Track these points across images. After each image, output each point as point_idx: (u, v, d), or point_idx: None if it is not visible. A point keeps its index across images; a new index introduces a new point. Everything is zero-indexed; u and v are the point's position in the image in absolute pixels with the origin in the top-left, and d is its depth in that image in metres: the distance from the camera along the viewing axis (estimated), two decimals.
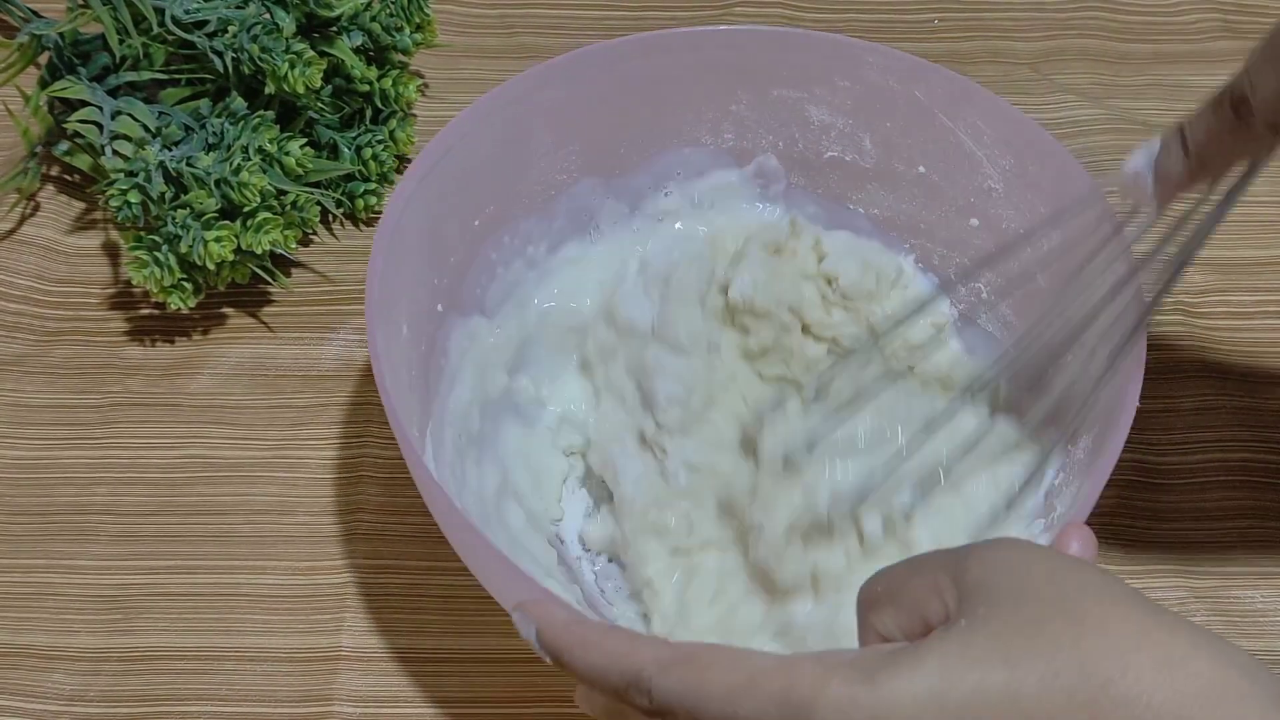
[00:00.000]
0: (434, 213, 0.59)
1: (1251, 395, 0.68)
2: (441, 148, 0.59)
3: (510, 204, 0.63)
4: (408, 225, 0.57)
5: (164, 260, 0.66)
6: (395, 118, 0.75)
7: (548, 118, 0.63)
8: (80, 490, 0.64)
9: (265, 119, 0.68)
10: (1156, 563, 0.63)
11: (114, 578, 0.62)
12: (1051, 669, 0.37)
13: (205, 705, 0.58)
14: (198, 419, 0.67)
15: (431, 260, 0.60)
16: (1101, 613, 0.38)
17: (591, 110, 0.64)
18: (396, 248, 0.56)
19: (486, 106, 0.60)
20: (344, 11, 0.71)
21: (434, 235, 0.59)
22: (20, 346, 0.69)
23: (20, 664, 0.59)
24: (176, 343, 0.70)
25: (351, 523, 0.63)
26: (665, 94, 0.65)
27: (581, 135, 0.64)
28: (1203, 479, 0.65)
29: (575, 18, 0.84)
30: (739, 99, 0.65)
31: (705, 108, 0.66)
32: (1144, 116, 0.78)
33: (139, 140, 0.68)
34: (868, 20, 0.84)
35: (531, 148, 0.63)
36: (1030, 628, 0.38)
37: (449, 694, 0.59)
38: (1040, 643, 0.38)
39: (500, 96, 0.61)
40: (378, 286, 0.54)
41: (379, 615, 0.61)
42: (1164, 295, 0.54)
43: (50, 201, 0.74)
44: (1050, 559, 0.41)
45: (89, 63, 0.71)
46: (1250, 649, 0.60)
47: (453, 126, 0.60)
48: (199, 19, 0.69)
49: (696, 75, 0.64)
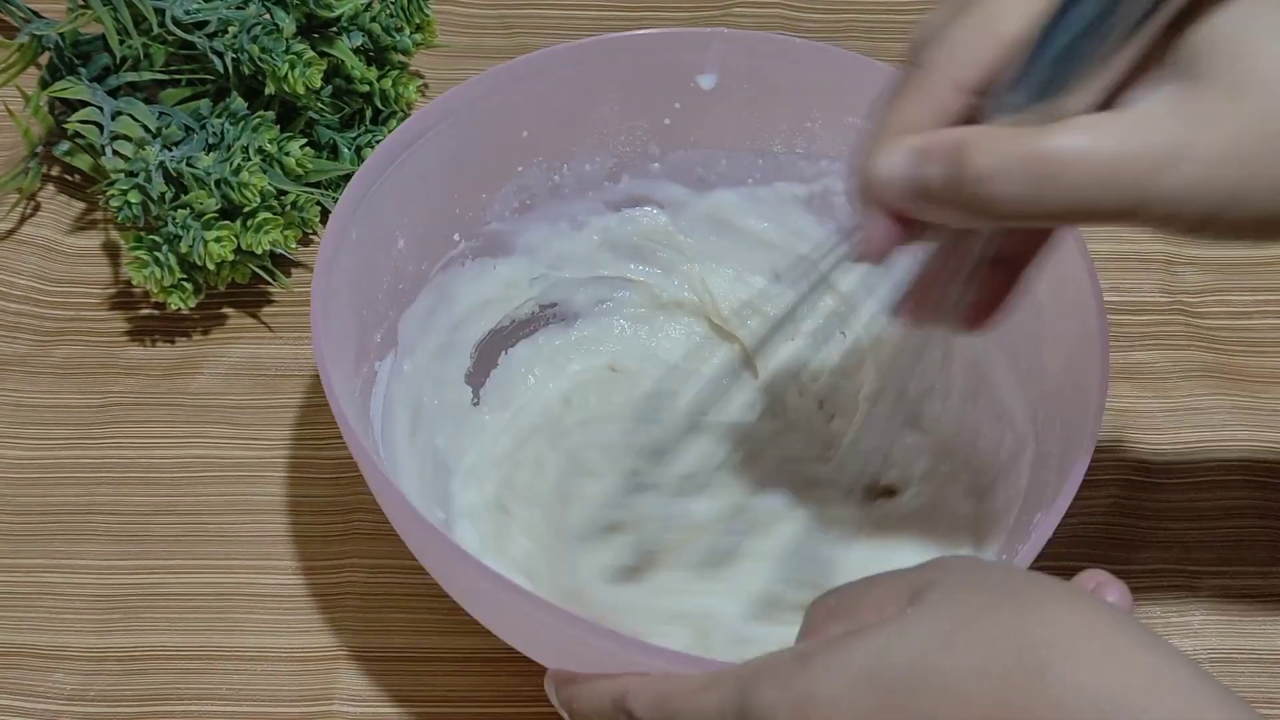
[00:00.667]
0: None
1: (1251, 395, 0.68)
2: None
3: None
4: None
5: (164, 260, 0.66)
6: (395, 118, 0.75)
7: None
8: (80, 490, 0.64)
9: (265, 119, 0.68)
10: (1156, 563, 0.63)
11: (114, 578, 0.62)
12: (990, 651, 0.37)
13: (205, 705, 0.58)
14: (198, 419, 0.67)
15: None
16: (1050, 607, 0.38)
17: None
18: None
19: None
20: (344, 12, 0.71)
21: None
22: (20, 346, 0.69)
23: (20, 664, 0.59)
24: (176, 343, 0.70)
25: (351, 523, 0.63)
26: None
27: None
28: (1202, 479, 0.65)
29: (575, 18, 0.84)
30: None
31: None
32: None
33: (139, 140, 0.68)
34: (867, 21, 0.84)
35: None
36: (976, 614, 0.38)
37: (449, 693, 0.59)
38: (983, 627, 0.38)
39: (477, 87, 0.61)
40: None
41: (379, 615, 0.61)
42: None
43: (50, 201, 0.74)
44: (1009, 565, 0.42)
45: (89, 63, 0.71)
46: (1250, 649, 0.60)
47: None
48: (199, 19, 0.69)
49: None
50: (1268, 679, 0.59)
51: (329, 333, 0.53)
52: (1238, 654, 0.60)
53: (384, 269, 0.59)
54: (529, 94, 0.62)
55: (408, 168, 0.58)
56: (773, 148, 0.66)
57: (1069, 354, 0.55)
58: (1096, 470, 0.64)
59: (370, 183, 0.57)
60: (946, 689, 0.37)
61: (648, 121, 0.65)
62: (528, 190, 0.64)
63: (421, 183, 0.60)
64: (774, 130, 0.65)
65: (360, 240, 0.57)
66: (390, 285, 0.60)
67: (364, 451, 0.50)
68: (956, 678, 0.37)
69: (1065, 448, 0.53)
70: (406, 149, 0.58)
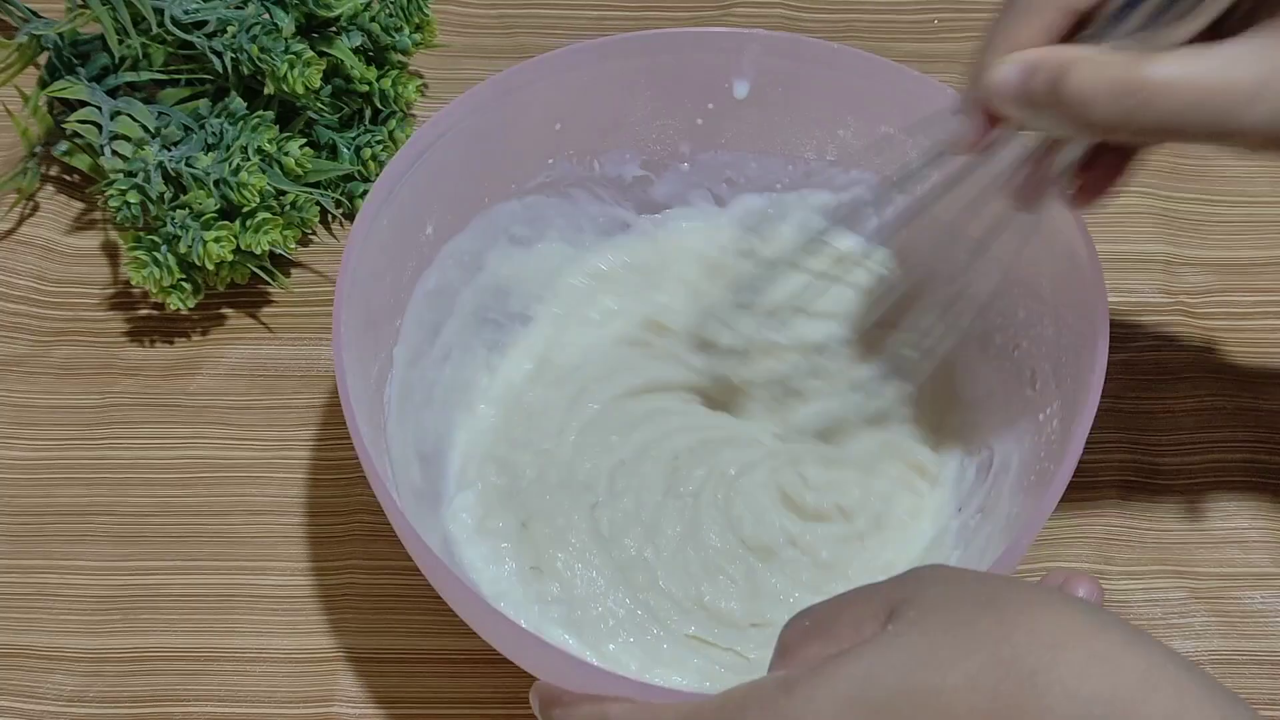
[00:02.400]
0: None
1: (1251, 395, 0.68)
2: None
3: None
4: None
5: (163, 260, 0.66)
6: (395, 118, 0.75)
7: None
8: (80, 490, 0.64)
9: (265, 119, 0.68)
10: (1156, 563, 0.63)
11: (114, 578, 0.62)
12: (976, 663, 0.37)
13: (205, 705, 0.58)
14: (198, 419, 0.67)
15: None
16: (1032, 613, 0.38)
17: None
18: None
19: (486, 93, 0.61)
20: (343, 12, 0.71)
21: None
22: (20, 347, 0.69)
23: (20, 664, 0.59)
24: (176, 343, 0.70)
25: (351, 523, 0.63)
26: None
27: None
28: (1203, 479, 0.65)
29: (574, 18, 0.84)
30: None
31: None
32: None
33: (138, 140, 0.68)
34: (868, 21, 0.84)
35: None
36: (958, 628, 0.38)
37: (448, 695, 0.59)
38: (966, 641, 0.38)
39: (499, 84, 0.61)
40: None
41: (379, 615, 0.61)
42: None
43: (50, 201, 0.74)
44: (983, 573, 0.42)
45: (88, 63, 0.71)
46: (1250, 649, 0.60)
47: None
48: (198, 19, 0.69)
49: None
50: (1268, 679, 0.59)
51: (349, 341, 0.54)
52: (1238, 655, 0.60)
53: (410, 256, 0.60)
54: (560, 87, 0.62)
55: (420, 173, 0.59)
56: (804, 154, 0.66)
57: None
58: (1097, 470, 0.65)
59: (395, 182, 0.58)
60: (937, 707, 0.37)
61: (678, 121, 0.65)
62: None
63: (442, 180, 0.60)
64: (807, 136, 0.65)
65: (386, 239, 0.58)
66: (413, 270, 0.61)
67: (384, 491, 0.52)
68: (946, 695, 0.37)
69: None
70: (420, 157, 0.59)
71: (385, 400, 0.58)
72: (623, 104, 0.64)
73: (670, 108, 0.65)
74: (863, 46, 0.82)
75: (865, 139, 0.64)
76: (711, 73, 0.64)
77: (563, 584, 0.58)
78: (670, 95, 0.64)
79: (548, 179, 0.65)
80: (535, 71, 0.61)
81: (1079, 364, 0.54)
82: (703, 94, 0.64)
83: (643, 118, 0.65)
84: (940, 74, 0.84)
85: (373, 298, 0.58)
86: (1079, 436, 0.51)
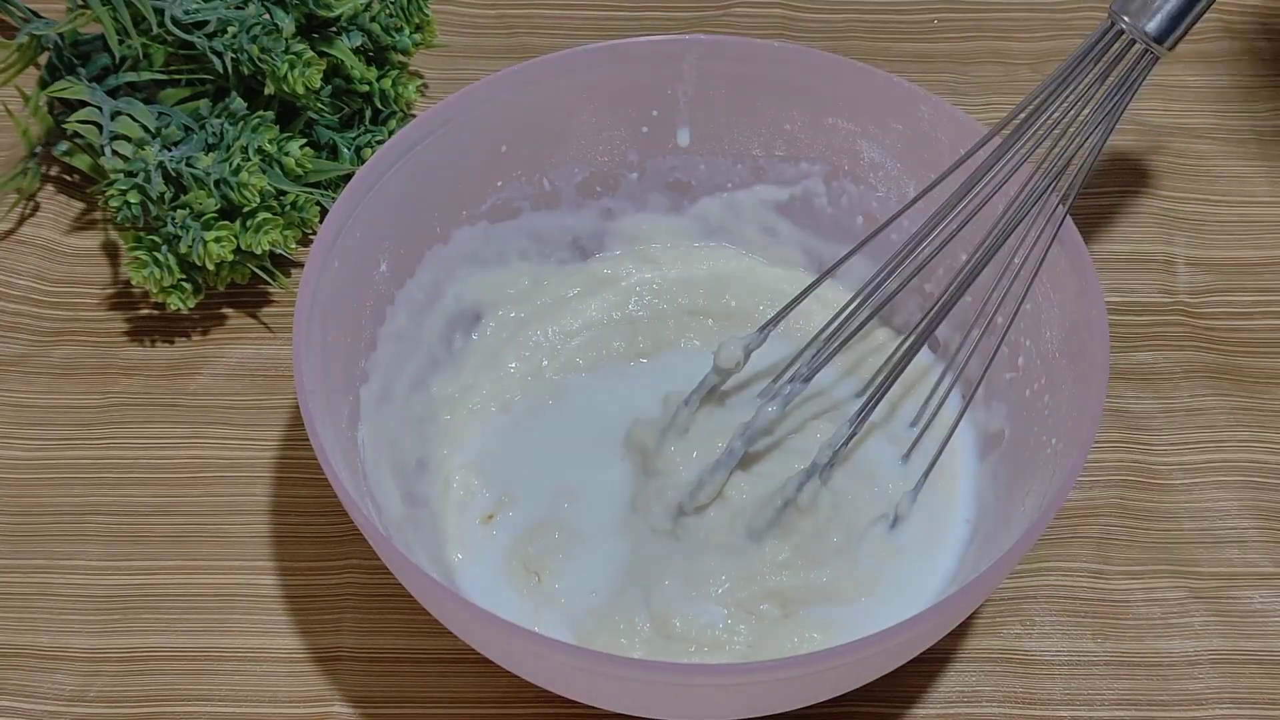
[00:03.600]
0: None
1: (1251, 395, 0.68)
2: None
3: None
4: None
5: (164, 260, 0.66)
6: (395, 118, 0.75)
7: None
8: (80, 490, 0.64)
9: (265, 119, 0.68)
10: (1156, 563, 0.63)
11: (114, 578, 0.62)
12: None
13: (205, 705, 0.58)
14: (198, 419, 0.67)
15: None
16: None
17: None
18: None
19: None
20: (344, 12, 0.71)
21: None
22: (20, 346, 0.69)
23: (20, 664, 0.59)
24: (176, 343, 0.70)
25: (351, 523, 0.63)
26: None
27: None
28: (1202, 479, 0.65)
29: (574, 18, 0.84)
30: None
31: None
32: (1144, 117, 0.78)
33: (139, 140, 0.68)
34: (868, 21, 0.84)
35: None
36: None
37: (448, 694, 0.59)
38: None
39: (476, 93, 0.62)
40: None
41: (379, 615, 0.61)
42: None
43: (50, 201, 0.74)
44: None
45: (89, 63, 0.71)
46: (1250, 649, 0.60)
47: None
48: (199, 19, 0.69)
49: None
50: (1268, 679, 0.59)
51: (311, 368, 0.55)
52: (1238, 655, 0.60)
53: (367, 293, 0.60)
54: (502, 109, 0.63)
55: (377, 196, 0.59)
56: (751, 151, 0.66)
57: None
58: (1097, 470, 0.65)
59: (353, 205, 0.58)
60: None
61: (625, 130, 0.65)
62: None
63: (398, 206, 0.60)
64: (753, 134, 0.66)
65: (341, 268, 0.57)
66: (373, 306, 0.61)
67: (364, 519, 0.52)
68: None
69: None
70: (369, 189, 0.59)
71: (359, 443, 0.58)
72: (567, 119, 0.65)
73: (614, 120, 0.65)
74: (862, 47, 0.83)
75: (811, 132, 0.65)
76: (657, 80, 0.64)
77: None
78: (613, 107, 0.65)
79: (498, 201, 0.65)
80: (471, 99, 0.61)
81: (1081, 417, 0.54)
82: (646, 102, 0.65)
83: (588, 131, 0.65)
84: (940, 74, 0.84)
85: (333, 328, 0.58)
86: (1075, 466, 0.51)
